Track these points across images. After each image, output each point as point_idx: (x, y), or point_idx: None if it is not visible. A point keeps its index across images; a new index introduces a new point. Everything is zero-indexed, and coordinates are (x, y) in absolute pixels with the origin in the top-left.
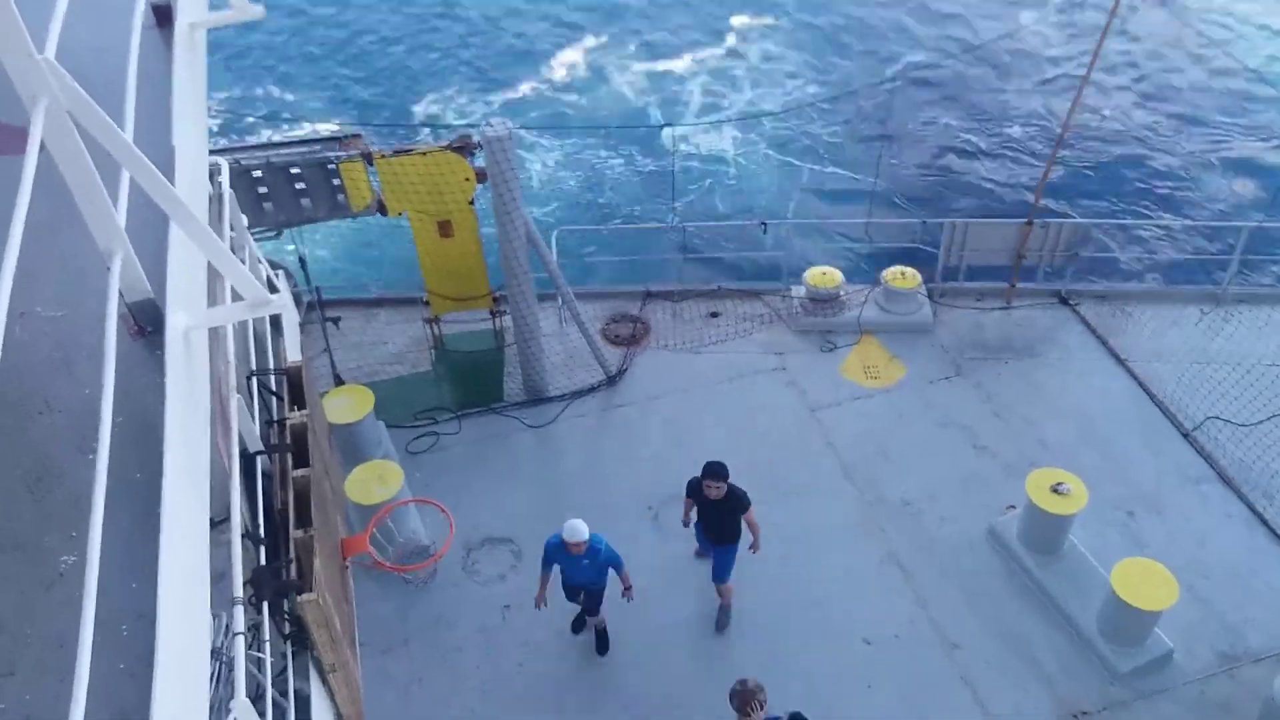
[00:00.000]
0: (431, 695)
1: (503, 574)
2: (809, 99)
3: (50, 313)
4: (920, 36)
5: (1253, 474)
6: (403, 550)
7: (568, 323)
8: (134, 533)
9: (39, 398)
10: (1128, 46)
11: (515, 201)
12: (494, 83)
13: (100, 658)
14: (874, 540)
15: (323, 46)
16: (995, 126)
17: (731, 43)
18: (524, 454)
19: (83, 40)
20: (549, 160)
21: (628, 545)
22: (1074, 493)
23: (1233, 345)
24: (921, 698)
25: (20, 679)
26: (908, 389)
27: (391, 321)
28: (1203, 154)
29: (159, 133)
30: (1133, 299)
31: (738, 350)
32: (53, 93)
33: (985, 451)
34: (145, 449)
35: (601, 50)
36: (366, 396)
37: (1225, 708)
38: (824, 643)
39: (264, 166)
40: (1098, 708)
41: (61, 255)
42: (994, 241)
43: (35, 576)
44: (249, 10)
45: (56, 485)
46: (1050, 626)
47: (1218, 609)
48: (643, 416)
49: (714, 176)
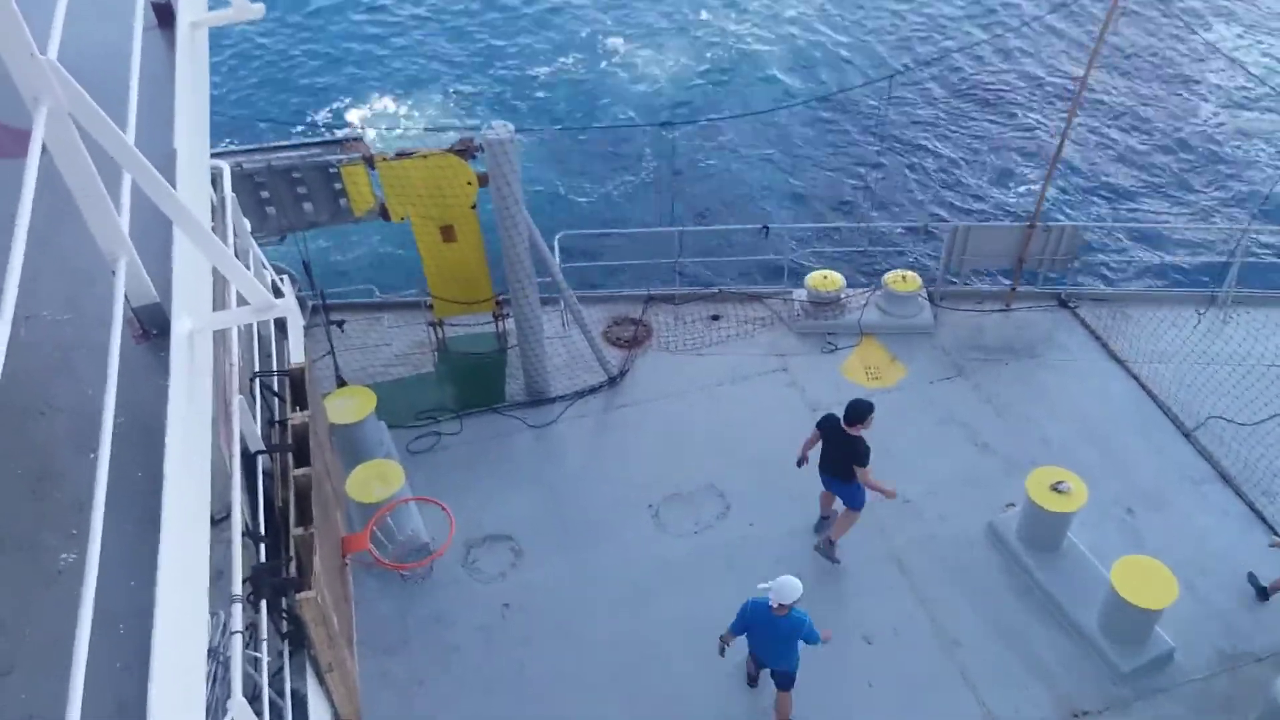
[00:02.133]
0: (430, 694)
1: (503, 572)
2: (811, 100)
3: (55, 316)
4: (922, 38)
5: (1253, 473)
6: (403, 548)
7: (570, 325)
8: (134, 531)
9: (42, 400)
10: (1127, 48)
11: (517, 204)
12: (495, 85)
13: (98, 655)
14: (874, 538)
15: (323, 48)
16: (996, 129)
17: (732, 43)
18: (525, 454)
19: (84, 41)
20: (550, 163)
21: (627, 544)
22: (1074, 491)
23: (1232, 346)
24: (922, 696)
25: (18, 676)
26: (908, 389)
27: (395, 325)
28: (1202, 155)
29: (161, 135)
30: (1132, 301)
31: (739, 352)
32: (55, 95)
33: (985, 450)
34: (147, 449)
35: (602, 51)
36: (369, 397)
37: (1226, 706)
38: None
39: (265, 170)
40: (1098, 707)
41: (67, 259)
42: (996, 245)
43: (34, 574)
44: (249, 10)
45: (57, 485)
46: (1050, 625)
47: (1218, 607)
48: (644, 417)
49: (715, 179)
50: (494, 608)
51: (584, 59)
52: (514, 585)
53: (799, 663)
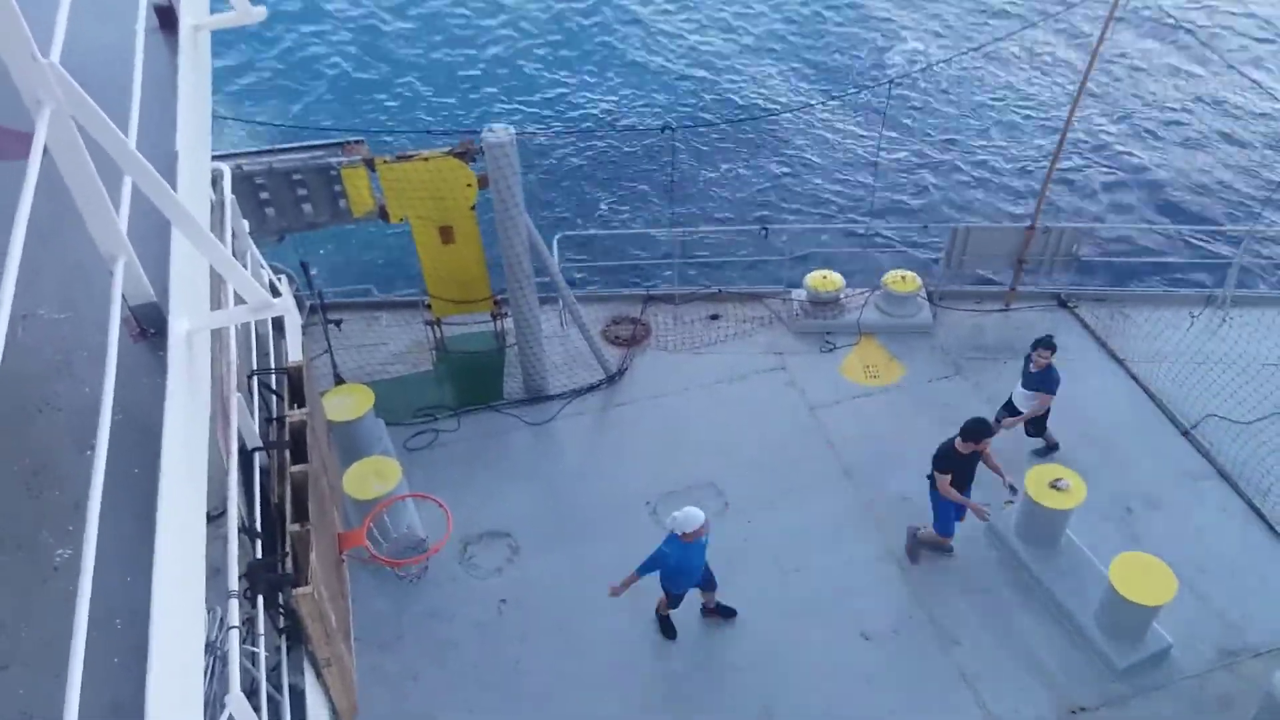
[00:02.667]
0: (426, 689)
1: (499, 568)
2: (811, 100)
3: (53, 315)
4: (922, 38)
5: (1250, 470)
6: (399, 545)
7: (568, 325)
8: (130, 527)
9: (39, 398)
10: (1128, 48)
11: (517, 206)
12: (495, 86)
13: (95, 652)
14: (873, 536)
15: (324, 50)
16: (996, 129)
17: (731, 43)
18: (523, 451)
19: (86, 43)
20: (550, 164)
21: (625, 542)
22: (1072, 488)
23: (1230, 346)
24: (920, 693)
25: (14, 673)
26: (907, 388)
27: (393, 324)
28: (1202, 155)
29: (162, 137)
30: (1131, 302)
31: (738, 351)
32: (57, 97)
33: None
34: (144, 446)
35: (602, 51)
36: (366, 395)
37: (1224, 703)
38: (823, 638)
39: (266, 172)
40: (1096, 703)
41: (65, 258)
42: (996, 245)
43: (30, 571)
44: (251, 13)
45: (53, 481)
46: (1049, 622)
47: (1216, 604)
48: (642, 415)
49: (715, 179)
50: (490, 604)
51: (584, 60)
52: (511, 581)
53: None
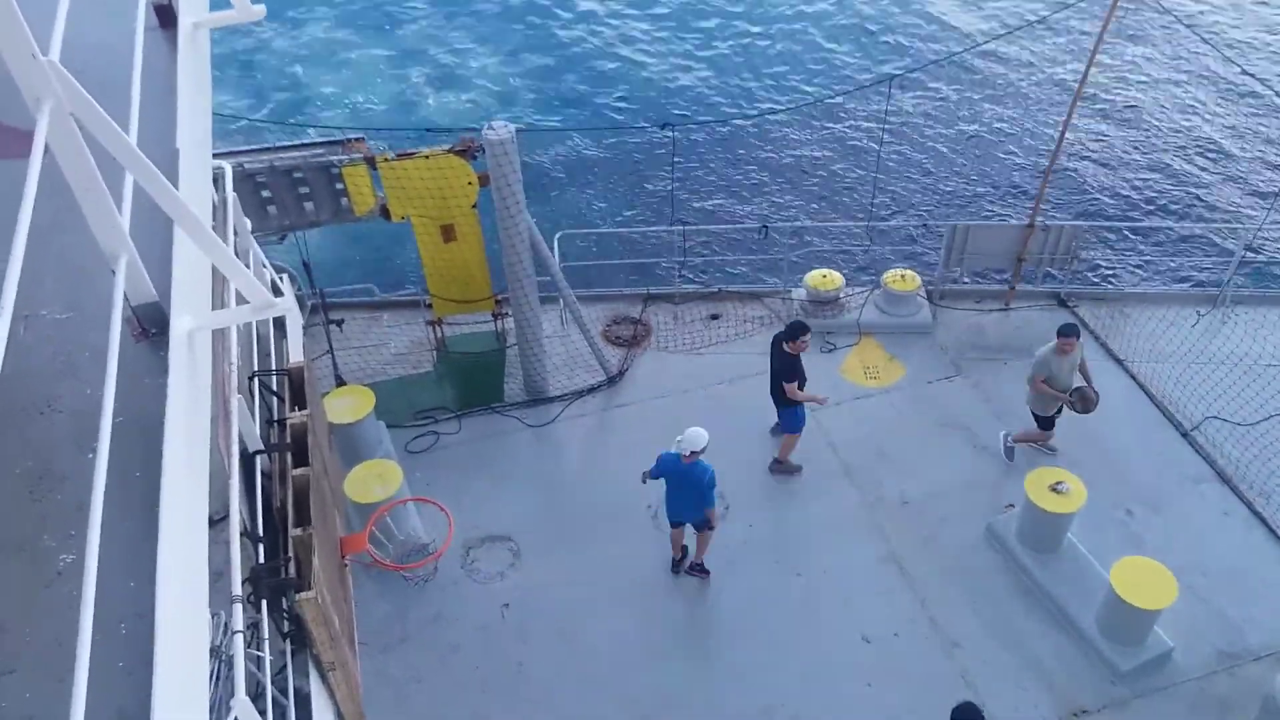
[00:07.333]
0: (430, 693)
1: (502, 572)
2: (810, 99)
3: (55, 315)
4: (922, 38)
5: (1251, 473)
6: (402, 549)
7: (569, 324)
8: (133, 531)
9: (41, 399)
10: (1128, 48)
11: (518, 205)
12: (495, 85)
13: (99, 656)
14: (873, 539)
15: (324, 50)
16: (996, 129)
17: (732, 43)
18: (524, 453)
19: (86, 41)
20: (551, 163)
21: (626, 544)
22: (1073, 492)
23: (1231, 346)
24: (921, 696)
25: (20, 678)
26: (907, 389)
27: (394, 324)
28: (1202, 155)
29: (163, 135)
30: (1131, 301)
31: (738, 351)
32: (57, 95)
33: (984, 451)
34: (146, 448)
35: (602, 52)
36: (367, 397)
37: (1225, 706)
38: (824, 641)
39: (267, 170)
40: (1097, 706)
41: (67, 258)
42: (996, 244)
43: (34, 575)
44: (251, 11)
45: (56, 485)
46: (1050, 625)
47: (1217, 607)
48: (643, 416)
49: (715, 179)
50: (493, 607)
51: (585, 59)
52: (513, 585)
53: (712, 504)
